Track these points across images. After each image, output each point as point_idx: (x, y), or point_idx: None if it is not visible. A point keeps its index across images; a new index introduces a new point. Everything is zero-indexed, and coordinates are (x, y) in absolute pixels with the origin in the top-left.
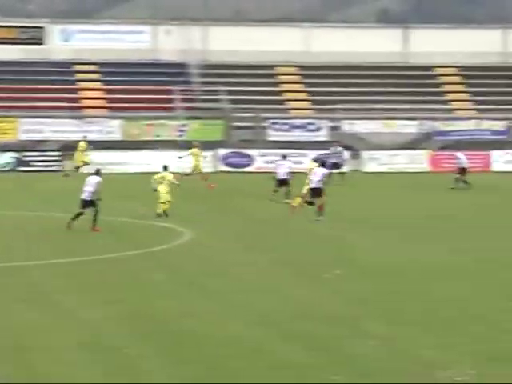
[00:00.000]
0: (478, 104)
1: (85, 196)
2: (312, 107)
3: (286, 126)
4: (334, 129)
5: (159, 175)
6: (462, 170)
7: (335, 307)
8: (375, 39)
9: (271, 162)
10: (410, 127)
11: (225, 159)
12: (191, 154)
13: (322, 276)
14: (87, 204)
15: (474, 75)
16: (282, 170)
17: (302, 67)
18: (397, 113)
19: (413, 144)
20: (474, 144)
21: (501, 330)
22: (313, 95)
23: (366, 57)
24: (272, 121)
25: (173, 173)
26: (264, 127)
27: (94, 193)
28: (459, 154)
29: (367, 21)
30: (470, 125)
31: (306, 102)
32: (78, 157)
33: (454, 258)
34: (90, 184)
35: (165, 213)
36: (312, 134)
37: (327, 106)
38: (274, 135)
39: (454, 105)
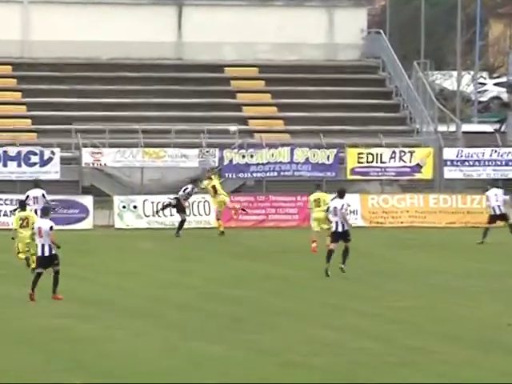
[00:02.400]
0: (292, 123)
1: None
2: (35, 128)
3: None
4: (69, 161)
5: None
6: (494, 218)
7: None
8: (133, 24)
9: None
10: (188, 158)
11: None
12: None
13: None
14: None
15: (286, 79)
16: None
17: (19, 66)
18: (168, 137)
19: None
20: (285, 185)
21: None
22: (35, 110)
23: (119, 51)
24: None
25: None
26: None
27: None
28: (491, 192)
29: None
30: (281, 155)
31: (26, 120)
32: None
33: None
34: None
35: None
36: (37, 169)
37: (56, 125)
38: None
39: (254, 124)
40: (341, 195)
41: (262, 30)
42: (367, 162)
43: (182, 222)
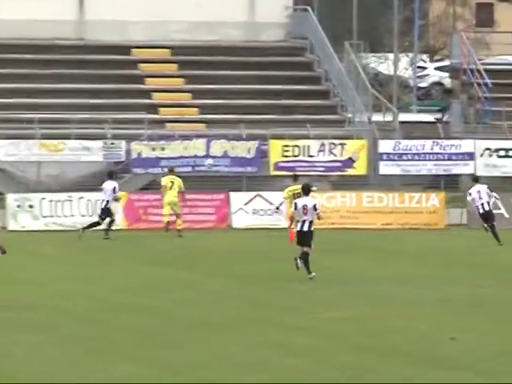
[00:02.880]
0: (208, 112)
1: None
2: None
3: None
4: None
5: None
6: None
7: None
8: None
9: None
10: (91, 151)
11: None
12: None
13: None
14: None
15: (202, 62)
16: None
17: None
18: (68, 127)
19: (97, 180)
20: (200, 181)
21: None
22: None
23: (11, 30)
24: None
25: None
26: None
27: None
28: (474, 189)
29: None
30: (195, 147)
31: None
32: None
33: None
34: None
35: None
36: None
37: None
38: None
39: (166, 112)
40: (306, 192)
41: (175, 7)
42: (293, 156)
43: (112, 222)
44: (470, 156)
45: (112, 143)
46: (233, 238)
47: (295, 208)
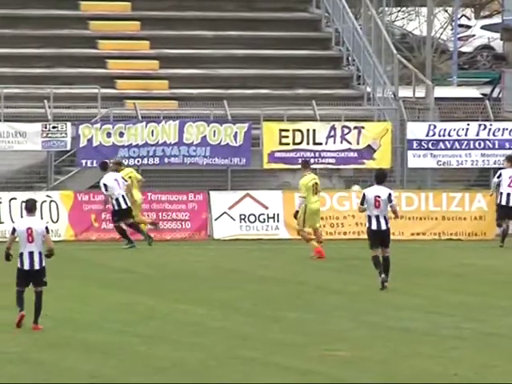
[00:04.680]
0: (181, 85)
1: None
2: None
3: None
4: None
5: None
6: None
7: None
8: None
9: None
10: (26, 137)
11: None
12: None
13: None
14: None
15: (172, 20)
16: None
17: None
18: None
19: (34, 176)
20: (170, 177)
21: None
22: None
23: None
24: None
25: None
26: None
27: None
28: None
29: None
30: (165, 132)
31: None
32: None
33: None
34: None
35: None
36: None
37: None
38: None
39: (126, 86)
40: (380, 179)
41: None
42: (294, 144)
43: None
44: None
45: (54, 127)
46: (214, 253)
47: (362, 202)
